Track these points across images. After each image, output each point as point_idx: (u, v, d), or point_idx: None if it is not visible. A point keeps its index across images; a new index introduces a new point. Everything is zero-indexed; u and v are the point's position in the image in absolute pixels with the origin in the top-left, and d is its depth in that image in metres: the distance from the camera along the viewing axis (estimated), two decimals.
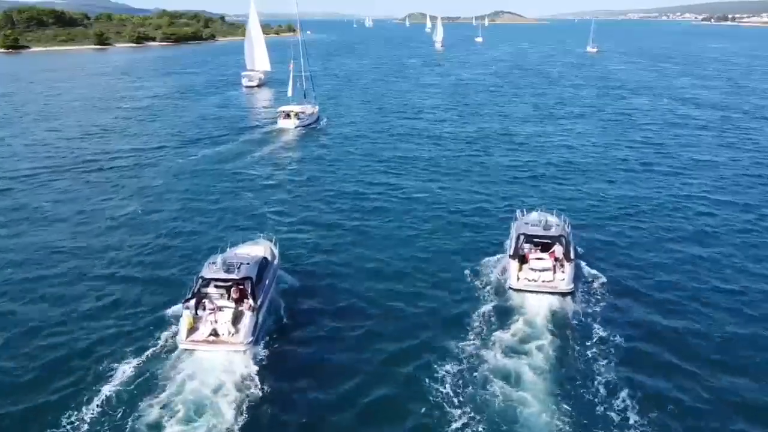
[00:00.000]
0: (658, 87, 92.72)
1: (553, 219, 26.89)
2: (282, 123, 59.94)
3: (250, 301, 20.70)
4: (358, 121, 64.49)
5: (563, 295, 23.15)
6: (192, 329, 20.02)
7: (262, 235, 27.75)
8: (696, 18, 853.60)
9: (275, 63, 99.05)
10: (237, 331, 20.03)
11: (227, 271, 21.19)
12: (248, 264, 21.90)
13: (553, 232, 25.09)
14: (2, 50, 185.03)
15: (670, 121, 63.32)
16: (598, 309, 23.05)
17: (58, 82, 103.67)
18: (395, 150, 50.25)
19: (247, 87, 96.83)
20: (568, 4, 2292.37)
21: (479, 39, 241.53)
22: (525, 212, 28.44)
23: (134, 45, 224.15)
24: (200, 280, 21.36)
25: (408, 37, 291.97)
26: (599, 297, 24.03)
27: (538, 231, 25.12)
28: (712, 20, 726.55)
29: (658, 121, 63.29)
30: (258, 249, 25.06)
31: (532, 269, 23.71)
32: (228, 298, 21.15)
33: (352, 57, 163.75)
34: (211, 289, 21.32)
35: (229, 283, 21.18)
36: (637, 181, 41.10)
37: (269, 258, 24.23)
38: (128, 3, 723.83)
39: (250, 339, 19.82)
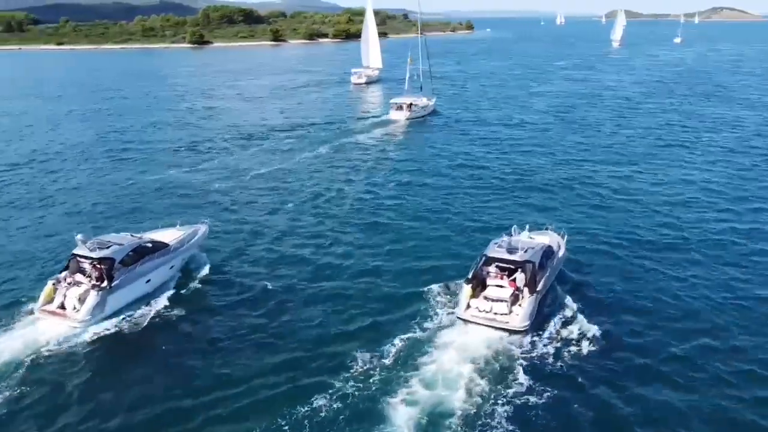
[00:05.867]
0: None
1: (531, 240, 23.39)
2: (393, 114, 61.97)
3: (104, 282, 21.30)
4: (457, 122, 61.94)
5: (514, 333, 19.88)
6: (51, 300, 21.27)
7: (207, 220, 27.63)
8: None
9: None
10: (81, 309, 20.74)
11: (91, 249, 21.83)
12: (120, 246, 22.34)
13: (517, 256, 21.28)
14: (189, 45, 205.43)
15: None
16: (552, 359, 18.95)
17: (176, 77, 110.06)
18: (473, 164, 44.92)
19: (355, 84, 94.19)
20: None
21: (678, 39, 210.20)
22: (526, 230, 24.97)
23: (306, 41, 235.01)
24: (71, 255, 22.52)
25: (589, 35, 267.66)
26: (564, 344, 19.73)
27: (501, 254, 21.67)
28: None
29: None
30: (174, 233, 25.47)
31: (486, 298, 20.79)
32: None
33: (497, 56, 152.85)
34: (83, 265, 22.14)
35: (89, 261, 21.83)
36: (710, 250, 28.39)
37: (174, 243, 24.45)
38: (337, 2, 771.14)
39: (87, 318, 20.56)
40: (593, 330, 20.45)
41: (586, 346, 19.64)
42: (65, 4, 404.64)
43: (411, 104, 62.36)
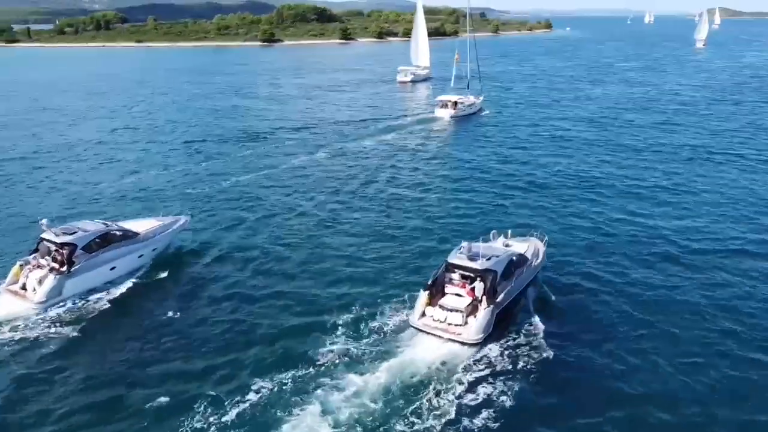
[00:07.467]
0: None
1: (498, 248, 21.91)
2: (438, 112, 61.36)
3: (64, 267, 21.83)
4: (499, 122, 60.10)
5: (467, 345, 18.68)
6: (16, 280, 22.13)
7: (189, 213, 28.29)
8: None
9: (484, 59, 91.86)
10: (38, 291, 21.38)
11: (57, 234, 22.45)
12: (86, 233, 22.88)
13: (477, 264, 20.04)
14: (260, 43, 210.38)
15: None
16: (504, 378, 17.45)
17: (225, 75, 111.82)
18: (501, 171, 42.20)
19: (400, 83, 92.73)
20: None
21: None
22: (507, 235, 23.86)
23: (376, 40, 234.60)
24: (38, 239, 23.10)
25: (675, 35, 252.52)
26: (515, 363, 18.19)
27: (462, 260, 20.48)
28: None
29: None
30: (150, 223, 25.72)
31: (441, 306, 19.74)
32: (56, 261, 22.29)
33: (564, 57, 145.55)
34: (51, 248, 22.71)
35: (53, 246, 22.41)
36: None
37: (146, 232, 24.62)
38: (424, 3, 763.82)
39: (43, 300, 21.17)
40: (548, 352, 18.87)
41: (536, 370, 18.07)
42: (160, 4, 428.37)
43: (456, 102, 61.65)
